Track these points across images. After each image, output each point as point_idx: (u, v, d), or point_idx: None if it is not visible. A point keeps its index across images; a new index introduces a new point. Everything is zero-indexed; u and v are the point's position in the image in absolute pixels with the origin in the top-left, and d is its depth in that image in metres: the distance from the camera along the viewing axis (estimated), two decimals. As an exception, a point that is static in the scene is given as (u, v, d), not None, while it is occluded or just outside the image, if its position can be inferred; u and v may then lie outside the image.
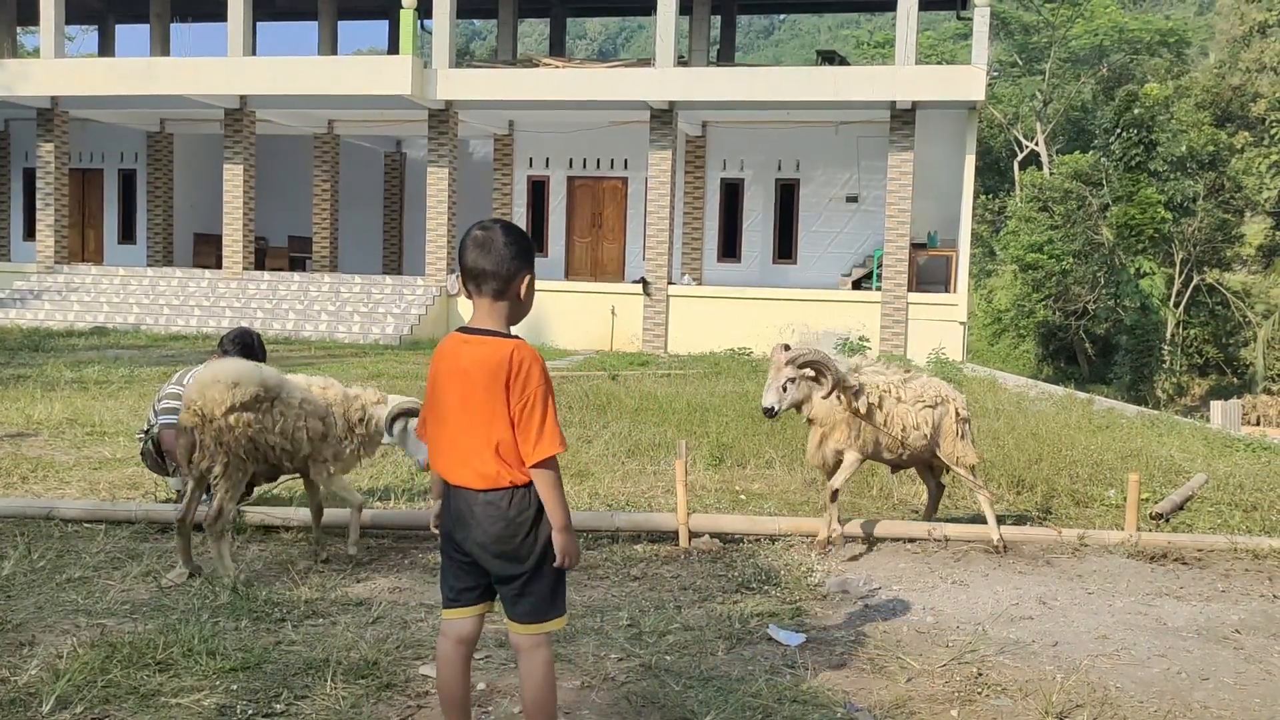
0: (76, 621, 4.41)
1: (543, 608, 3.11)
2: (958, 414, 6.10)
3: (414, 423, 5.25)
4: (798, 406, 5.77)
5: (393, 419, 5.50)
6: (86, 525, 5.90)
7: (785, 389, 5.62)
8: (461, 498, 3.08)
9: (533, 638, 3.11)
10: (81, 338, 18.43)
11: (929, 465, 6.37)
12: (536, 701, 3.11)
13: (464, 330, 3.13)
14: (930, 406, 6.00)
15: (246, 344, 6.26)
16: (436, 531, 3.25)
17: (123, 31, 29.79)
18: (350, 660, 4.02)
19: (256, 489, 6.34)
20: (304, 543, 5.80)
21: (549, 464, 3.03)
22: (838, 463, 5.94)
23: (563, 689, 3.90)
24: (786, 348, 5.74)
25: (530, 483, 3.04)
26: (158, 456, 6.23)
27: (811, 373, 5.67)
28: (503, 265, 3.06)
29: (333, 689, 3.78)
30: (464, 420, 3.06)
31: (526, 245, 3.13)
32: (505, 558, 3.06)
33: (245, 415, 5.05)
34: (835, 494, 5.86)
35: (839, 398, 5.76)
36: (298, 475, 5.60)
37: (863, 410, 5.82)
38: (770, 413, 5.62)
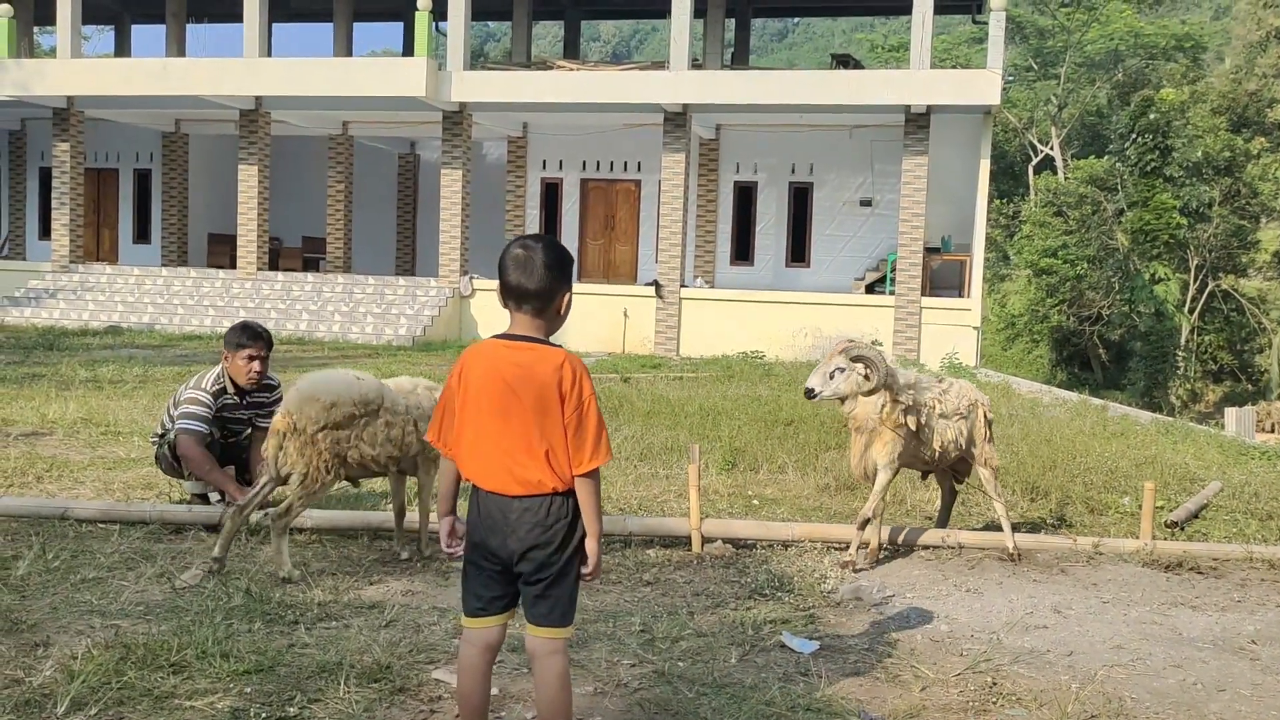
0: (91, 622, 4.42)
1: (562, 611, 3.14)
2: (985, 416, 6.10)
3: None
4: (841, 400, 5.67)
5: None
6: (101, 525, 5.92)
7: (832, 376, 5.56)
8: (495, 504, 3.08)
9: (551, 643, 3.12)
10: (96, 337, 18.51)
11: (953, 469, 6.33)
12: (553, 708, 3.11)
13: (505, 337, 3.14)
14: (964, 416, 5.99)
15: (245, 325, 6.23)
16: (450, 552, 3.24)
17: (139, 31, 29.94)
18: (363, 664, 4.02)
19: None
20: (317, 544, 5.80)
21: (594, 474, 3.07)
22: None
23: (575, 695, 3.89)
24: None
25: (567, 490, 3.07)
26: (173, 460, 6.23)
27: (862, 368, 5.58)
28: (544, 284, 3.08)
29: (346, 692, 3.78)
30: (504, 426, 3.07)
31: (566, 263, 3.15)
32: (537, 562, 3.08)
33: (337, 434, 5.17)
34: (866, 523, 5.78)
35: (884, 408, 5.66)
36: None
37: (913, 428, 5.75)
38: (810, 394, 5.60)
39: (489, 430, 3.09)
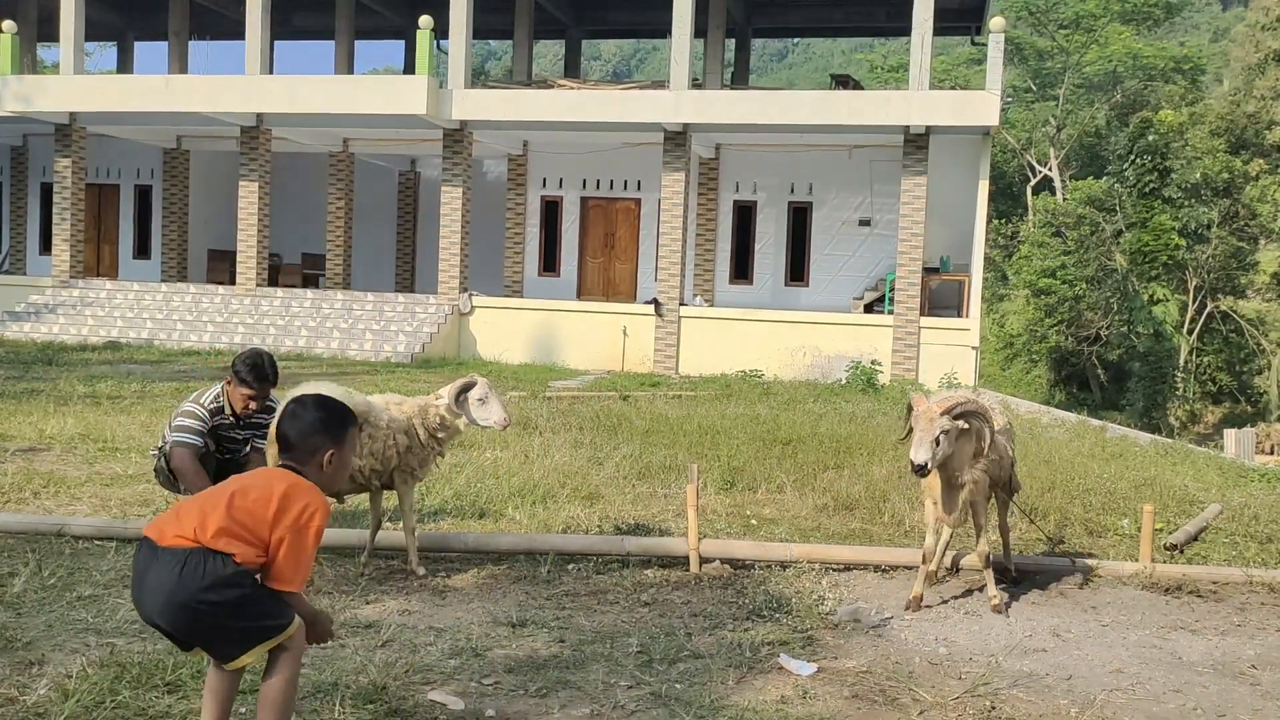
0: (86, 640, 4.40)
1: None
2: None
3: (474, 393, 5.60)
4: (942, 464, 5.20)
5: (457, 395, 5.64)
6: (97, 543, 5.90)
7: (939, 443, 5.01)
8: None
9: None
10: (95, 352, 18.49)
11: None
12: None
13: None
14: (1008, 435, 5.88)
15: (256, 365, 6.24)
16: None
17: (141, 48, 30.04)
18: (359, 684, 4.00)
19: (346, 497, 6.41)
20: (314, 562, 5.78)
21: None
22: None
23: (571, 716, 3.88)
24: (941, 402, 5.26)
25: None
26: (169, 474, 6.21)
27: (965, 425, 5.16)
28: (306, 438, 3.29)
29: (341, 713, 3.76)
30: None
31: (335, 421, 3.34)
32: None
33: None
34: (988, 559, 5.53)
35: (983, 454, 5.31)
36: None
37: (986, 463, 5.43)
38: (923, 470, 5.01)
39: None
